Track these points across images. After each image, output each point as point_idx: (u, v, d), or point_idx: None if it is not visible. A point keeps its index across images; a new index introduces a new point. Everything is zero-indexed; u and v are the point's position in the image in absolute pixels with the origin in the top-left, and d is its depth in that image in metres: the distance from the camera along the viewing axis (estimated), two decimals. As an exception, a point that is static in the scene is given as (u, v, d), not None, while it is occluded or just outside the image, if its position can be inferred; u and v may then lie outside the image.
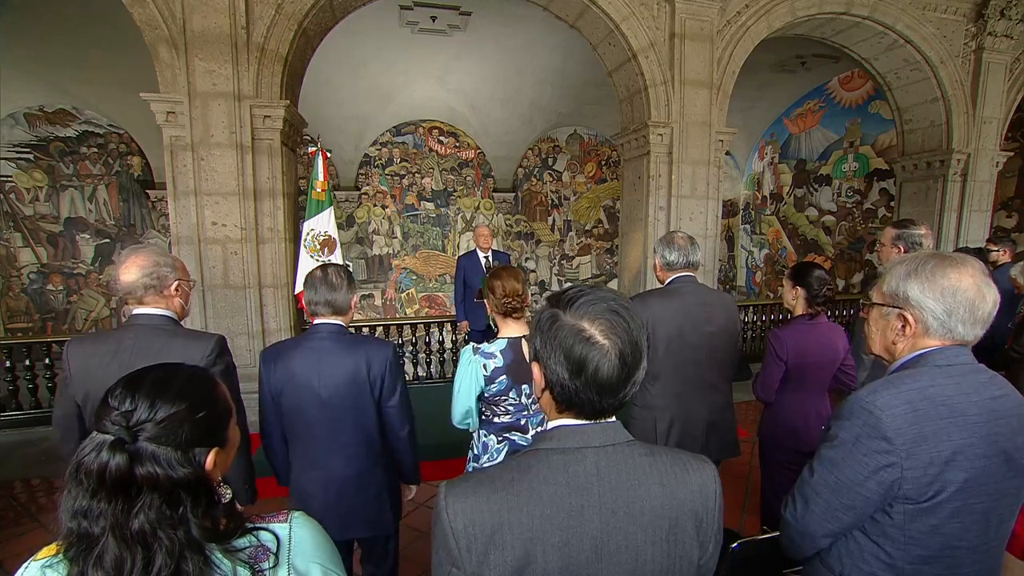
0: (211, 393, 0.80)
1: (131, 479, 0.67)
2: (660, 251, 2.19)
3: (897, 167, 6.44)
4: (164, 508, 0.68)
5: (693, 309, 2.09)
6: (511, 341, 1.83)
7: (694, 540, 0.78)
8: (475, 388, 1.81)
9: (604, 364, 0.75)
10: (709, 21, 4.75)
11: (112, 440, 0.67)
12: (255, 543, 0.75)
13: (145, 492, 0.67)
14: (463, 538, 0.73)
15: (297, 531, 0.80)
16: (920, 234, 2.34)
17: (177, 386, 0.75)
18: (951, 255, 1.04)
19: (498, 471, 0.79)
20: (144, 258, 1.57)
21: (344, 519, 1.76)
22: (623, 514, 0.75)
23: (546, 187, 10.20)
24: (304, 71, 4.44)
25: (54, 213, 7.90)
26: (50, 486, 3.42)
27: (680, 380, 2.11)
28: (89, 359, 1.52)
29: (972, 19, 5.62)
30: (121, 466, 0.66)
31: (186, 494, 0.70)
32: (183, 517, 0.69)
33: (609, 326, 0.76)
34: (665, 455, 0.81)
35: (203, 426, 0.75)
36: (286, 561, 0.76)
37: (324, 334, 1.74)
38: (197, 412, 0.75)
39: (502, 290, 1.84)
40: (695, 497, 0.79)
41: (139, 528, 0.66)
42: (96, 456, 0.67)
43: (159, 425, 0.70)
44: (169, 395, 0.73)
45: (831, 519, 1.03)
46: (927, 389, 0.98)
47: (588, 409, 0.78)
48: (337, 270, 1.79)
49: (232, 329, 3.97)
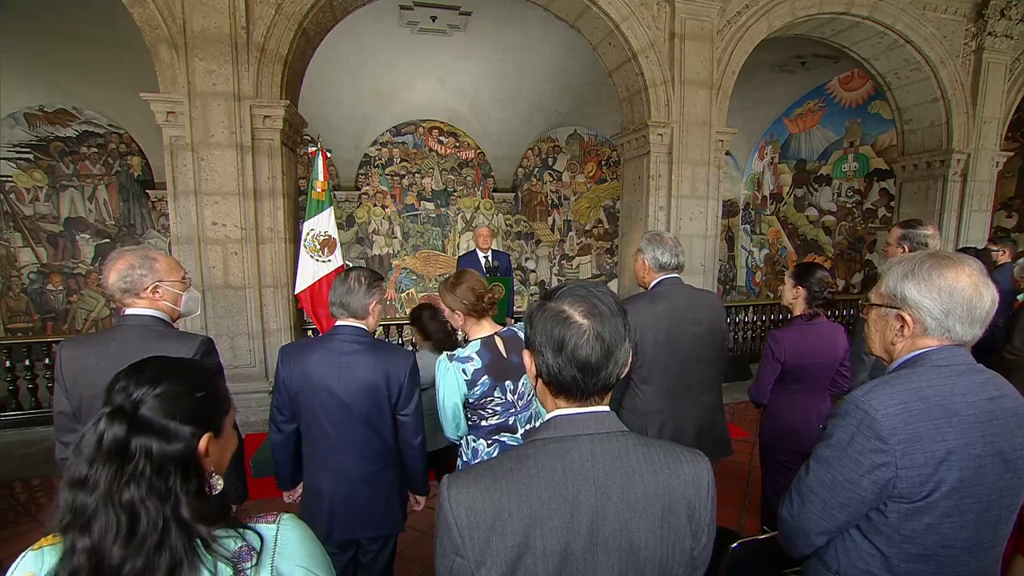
0: (211, 380, 0.84)
1: (126, 448, 0.70)
2: (651, 252, 2.10)
3: (897, 167, 6.44)
4: (154, 479, 0.70)
5: (680, 311, 2.06)
6: (484, 341, 1.81)
7: (687, 528, 0.80)
8: (459, 395, 1.77)
9: (582, 342, 0.79)
10: (709, 21, 4.75)
11: (112, 409, 0.72)
12: (241, 543, 0.75)
13: (139, 460, 0.70)
14: (465, 527, 0.75)
15: (284, 532, 0.80)
16: (927, 234, 2.31)
17: (178, 369, 0.81)
18: (949, 255, 1.05)
19: (498, 462, 0.82)
20: (122, 262, 1.60)
21: (353, 518, 1.78)
22: (617, 499, 0.77)
23: (546, 187, 10.20)
24: (304, 71, 4.45)
25: (54, 213, 7.90)
26: (50, 486, 3.42)
27: (671, 383, 2.08)
28: (78, 361, 1.54)
29: (972, 19, 5.62)
30: (119, 436, 0.70)
31: (175, 469, 0.72)
32: (172, 491, 0.71)
33: (588, 308, 0.81)
34: (658, 446, 0.84)
35: (200, 405, 0.78)
36: (269, 563, 0.76)
37: (344, 337, 1.74)
38: (196, 392, 0.79)
39: (474, 292, 1.81)
40: (688, 486, 0.81)
41: (129, 498, 0.68)
42: (96, 427, 0.70)
43: (158, 398, 0.74)
44: (171, 376, 0.78)
45: (826, 517, 1.04)
46: (923, 389, 0.98)
47: (575, 389, 0.82)
48: (359, 274, 1.79)
49: (232, 329, 3.97)
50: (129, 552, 0.67)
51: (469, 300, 1.81)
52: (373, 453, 1.78)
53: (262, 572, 0.75)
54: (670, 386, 2.09)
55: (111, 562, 0.67)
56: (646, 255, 2.13)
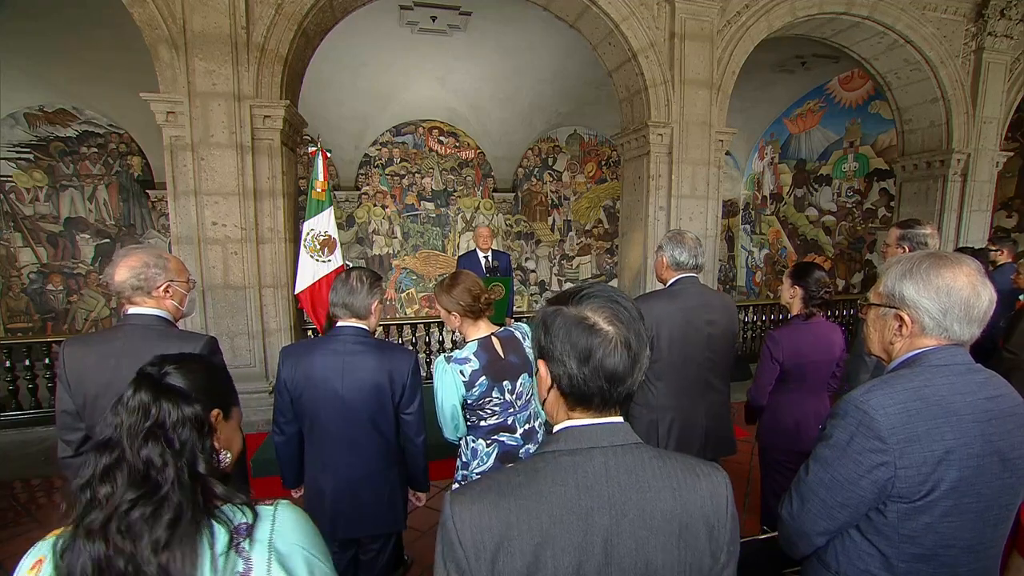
0: (223, 371, 1.02)
1: (150, 409, 0.78)
2: (669, 250, 2.13)
3: (897, 167, 6.44)
4: (172, 435, 0.78)
5: (696, 310, 2.08)
6: (481, 342, 1.81)
7: (706, 547, 0.76)
8: (457, 396, 1.77)
9: (611, 351, 0.75)
10: (709, 21, 4.75)
11: (143, 374, 0.83)
12: (243, 519, 0.79)
13: (161, 418, 0.78)
14: (471, 547, 0.71)
15: (281, 514, 0.82)
16: (926, 234, 2.29)
17: (198, 357, 0.95)
18: (946, 254, 1.05)
19: (505, 475, 0.78)
20: (135, 259, 1.59)
21: (356, 517, 1.79)
22: (633, 516, 0.73)
23: (546, 187, 10.20)
24: (304, 71, 4.45)
25: (54, 213, 7.90)
26: (50, 486, 3.42)
27: (682, 380, 2.11)
28: (82, 360, 1.54)
29: (972, 19, 5.62)
30: (145, 399, 0.78)
31: (193, 429, 0.80)
32: (187, 447, 0.78)
33: (612, 314, 0.77)
34: (675, 459, 0.80)
35: (213, 384, 0.90)
36: (267, 539, 0.78)
37: (347, 337, 1.75)
38: (213, 372, 0.93)
39: (471, 293, 1.81)
40: (706, 503, 0.77)
41: (147, 453, 0.75)
42: (125, 395, 0.79)
43: (179, 370, 0.86)
44: (192, 359, 0.92)
45: (826, 517, 1.03)
46: (921, 389, 0.98)
47: (598, 400, 0.77)
48: (360, 274, 1.80)
49: (232, 329, 3.98)
50: (139, 497, 0.72)
51: (466, 301, 1.81)
52: (376, 452, 1.79)
53: (257, 547, 0.77)
54: (681, 383, 2.11)
55: (122, 509, 0.72)
56: (665, 252, 2.15)
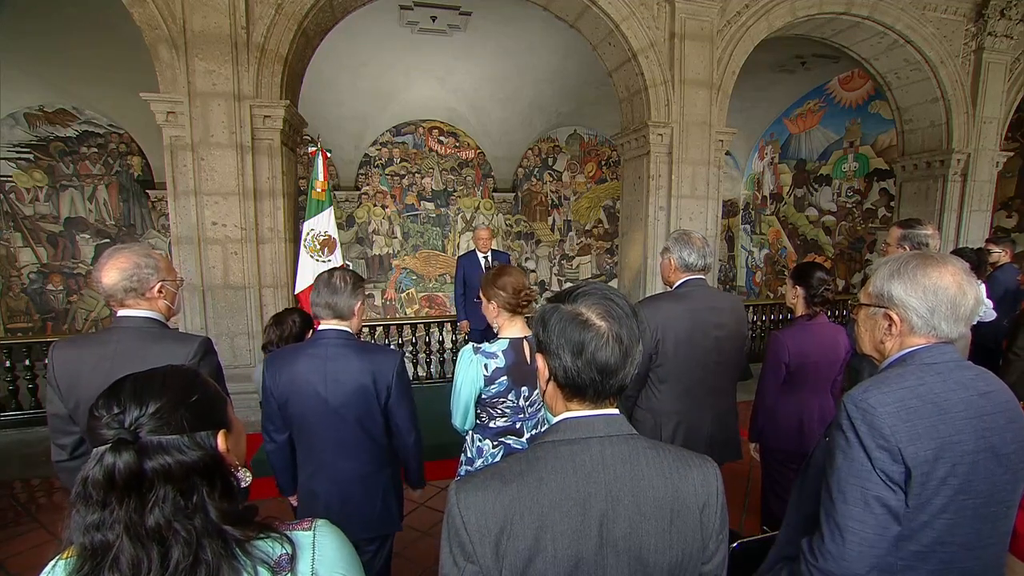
0: (195, 380, 0.78)
1: (142, 476, 0.66)
2: (677, 251, 2.07)
3: (897, 167, 6.44)
4: (179, 499, 0.66)
5: (703, 312, 2.04)
6: (513, 342, 1.81)
7: (697, 534, 0.80)
8: (475, 388, 1.78)
9: (603, 345, 0.80)
10: (709, 21, 4.75)
11: (113, 443, 0.66)
12: (282, 551, 0.73)
13: (158, 485, 0.66)
14: (475, 532, 0.75)
15: (321, 539, 0.79)
16: (926, 234, 2.29)
17: (159, 381, 0.73)
18: (934, 254, 1.08)
19: (507, 464, 0.82)
20: (124, 260, 1.51)
21: (350, 520, 1.75)
22: (627, 502, 0.77)
23: (546, 187, 10.20)
24: (304, 71, 4.45)
25: (54, 213, 7.90)
26: (50, 486, 3.42)
27: (688, 383, 2.07)
28: (72, 364, 1.49)
29: (972, 19, 5.62)
30: (130, 463, 0.65)
31: (201, 479, 0.69)
32: (199, 504, 0.68)
33: (605, 310, 0.82)
34: (668, 450, 0.84)
35: (201, 408, 0.74)
36: (309, 569, 0.75)
37: (329, 340, 1.71)
38: (189, 396, 0.73)
39: (513, 287, 1.81)
40: (698, 491, 0.81)
41: (154, 524, 0.65)
42: (100, 464, 0.64)
43: (154, 416, 0.68)
44: (154, 390, 0.71)
45: (877, 541, 0.96)
46: (917, 387, 1.00)
47: (592, 392, 0.82)
48: (343, 274, 1.77)
49: (232, 329, 3.98)
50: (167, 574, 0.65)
51: (507, 293, 1.81)
52: (366, 455, 1.76)
53: None
54: (687, 387, 2.07)
55: None
56: (672, 254, 2.10)
